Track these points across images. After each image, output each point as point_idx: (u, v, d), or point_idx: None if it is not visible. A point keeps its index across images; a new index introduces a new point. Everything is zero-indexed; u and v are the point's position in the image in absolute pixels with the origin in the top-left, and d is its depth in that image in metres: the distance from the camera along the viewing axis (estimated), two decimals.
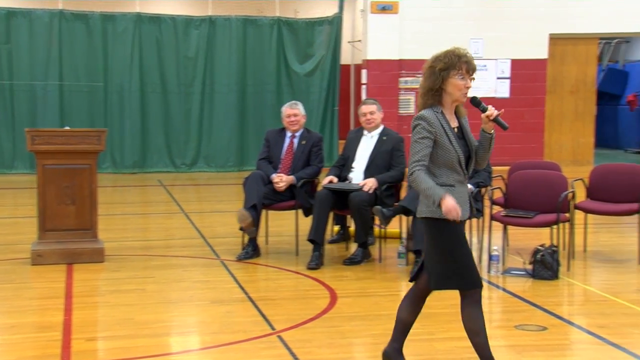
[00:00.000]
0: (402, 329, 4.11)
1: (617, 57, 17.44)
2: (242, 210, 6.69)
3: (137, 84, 13.36)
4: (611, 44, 17.16)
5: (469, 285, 3.88)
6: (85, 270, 6.43)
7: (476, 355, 4.45)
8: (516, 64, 13.46)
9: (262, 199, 6.79)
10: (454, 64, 3.75)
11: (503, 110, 3.83)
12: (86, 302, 5.59)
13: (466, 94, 3.81)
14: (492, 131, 3.81)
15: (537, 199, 6.35)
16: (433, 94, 3.79)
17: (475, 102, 3.84)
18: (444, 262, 3.85)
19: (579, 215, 6.77)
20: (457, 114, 3.88)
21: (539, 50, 13.50)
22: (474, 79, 3.80)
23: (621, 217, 7.06)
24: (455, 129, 3.81)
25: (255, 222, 6.77)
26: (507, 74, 13.45)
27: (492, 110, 3.76)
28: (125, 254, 7.10)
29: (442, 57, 3.79)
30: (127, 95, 13.36)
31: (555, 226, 6.31)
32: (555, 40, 13.62)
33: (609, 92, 16.78)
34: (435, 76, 3.77)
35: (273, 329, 4.93)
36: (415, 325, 5.14)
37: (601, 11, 13.52)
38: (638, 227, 6.58)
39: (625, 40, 16.85)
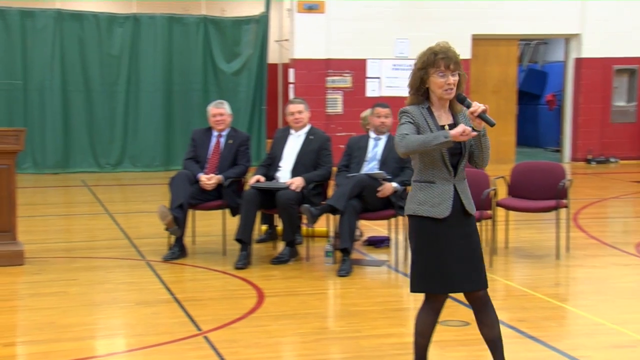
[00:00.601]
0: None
1: (537, 58, 17.94)
2: (162, 207, 6.61)
3: (59, 82, 13.00)
4: (530, 45, 17.65)
5: (429, 289, 3.77)
6: (4, 274, 6.23)
7: (403, 352, 4.53)
8: None
9: (188, 199, 6.73)
10: (431, 62, 3.65)
11: (488, 106, 3.62)
12: (4, 307, 5.43)
13: (449, 90, 3.65)
14: (482, 128, 3.62)
15: None
16: (415, 93, 3.72)
17: (459, 98, 3.70)
18: (414, 262, 3.78)
19: (500, 212, 6.94)
20: (453, 110, 3.75)
21: (462, 51, 13.53)
22: (457, 74, 3.65)
23: (540, 214, 7.28)
24: (447, 126, 3.66)
25: (182, 223, 6.70)
26: None
27: (476, 106, 3.57)
28: (46, 256, 6.92)
29: (422, 55, 3.72)
30: (48, 94, 12.99)
31: (477, 223, 6.45)
32: (478, 40, 13.93)
33: (529, 92, 17.25)
34: (414, 75, 3.71)
35: (199, 329, 4.90)
36: (341, 322, 5.22)
37: (520, 13, 13.88)
38: (556, 223, 6.80)
39: (543, 41, 17.35)
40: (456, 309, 5.32)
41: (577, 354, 4.46)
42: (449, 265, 3.71)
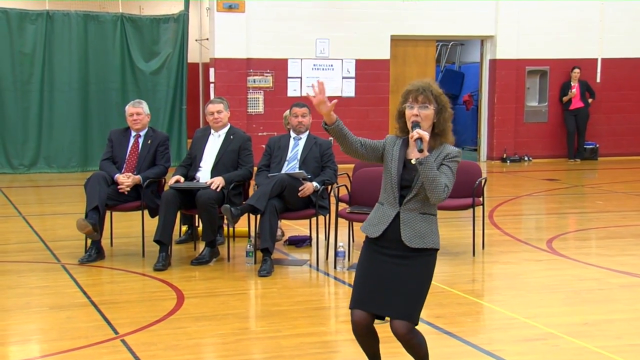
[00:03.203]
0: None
1: (454, 59, 18.33)
2: (80, 220, 6.41)
3: None
4: (447, 46, 18.02)
5: (350, 302, 3.85)
6: None
7: (323, 351, 4.57)
8: (361, 64, 13.84)
9: (105, 200, 6.59)
10: (405, 97, 3.74)
11: (427, 136, 3.61)
12: None
13: (413, 122, 3.67)
14: (418, 159, 3.59)
15: (379, 195, 6.55)
16: (398, 120, 3.78)
17: (412, 124, 3.68)
18: None
19: None
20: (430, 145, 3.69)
21: (382, 51, 13.95)
22: (430, 108, 3.69)
23: (458, 212, 7.43)
24: (414, 160, 3.64)
25: (99, 225, 6.55)
26: (353, 73, 13.80)
27: (414, 133, 3.61)
28: None
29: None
30: None
31: None
32: (397, 41, 14.13)
33: (447, 92, 17.42)
34: (398, 109, 3.78)
35: (116, 333, 4.80)
36: (261, 323, 5.21)
37: (438, 15, 14.17)
38: (472, 221, 6.96)
39: (460, 43, 17.75)
40: None
41: (491, 348, 4.58)
42: (369, 284, 3.76)
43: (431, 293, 5.84)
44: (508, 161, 14.53)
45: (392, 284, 3.73)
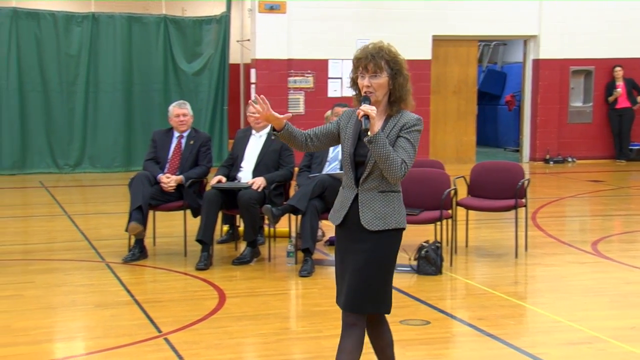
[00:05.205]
0: None
1: (496, 59, 18.14)
2: (133, 223, 6.48)
3: (15, 82, 12.77)
4: (490, 46, 17.85)
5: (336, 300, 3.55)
6: None
7: (365, 352, 4.52)
8: None
9: (148, 200, 6.67)
10: (355, 65, 3.44)
11: (373, 111, 3.28)
12: None
13: (368, 93, 3.36)
14: (369, 135, 3.27)
15: (421, 197, 6.53)
16: (354, 88, 3.47)
17: (362, 99, 3.39)
18: None
19: (461, 212, 7.00)
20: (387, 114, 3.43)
21: (423, 51, 13.87)
22: (383, 76, 3.38)
23: (500, 213, 7.36)
24: (369, 133, 3.28)
25: (142, 224, 6.63)
26: None
27: (361, 108, 3.30)
28: (2, 259, 6.80)
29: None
30: (4, 94, 12.75)
31: (438, 222, 6.51)
32: (438, 41, 14.04)
33: (489, 93, 17.45)
34: (351, 72, 3.50)
35: (159, 331, 4.85)
36: (303, 323, 5.22)
37: (479, 14, 14.04)
38: (514, 223, 6.88)
39: (502, 42, 17.56)
40: (417, 308, 5.36)
41: (535, 351, 4.52)
42: (338, 276, 3.51)
43: (473, 295, 5.85)
44: (551, 162, 14.33)
45: (347, 273, 3.40)
